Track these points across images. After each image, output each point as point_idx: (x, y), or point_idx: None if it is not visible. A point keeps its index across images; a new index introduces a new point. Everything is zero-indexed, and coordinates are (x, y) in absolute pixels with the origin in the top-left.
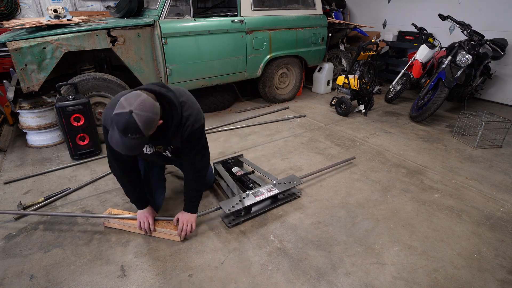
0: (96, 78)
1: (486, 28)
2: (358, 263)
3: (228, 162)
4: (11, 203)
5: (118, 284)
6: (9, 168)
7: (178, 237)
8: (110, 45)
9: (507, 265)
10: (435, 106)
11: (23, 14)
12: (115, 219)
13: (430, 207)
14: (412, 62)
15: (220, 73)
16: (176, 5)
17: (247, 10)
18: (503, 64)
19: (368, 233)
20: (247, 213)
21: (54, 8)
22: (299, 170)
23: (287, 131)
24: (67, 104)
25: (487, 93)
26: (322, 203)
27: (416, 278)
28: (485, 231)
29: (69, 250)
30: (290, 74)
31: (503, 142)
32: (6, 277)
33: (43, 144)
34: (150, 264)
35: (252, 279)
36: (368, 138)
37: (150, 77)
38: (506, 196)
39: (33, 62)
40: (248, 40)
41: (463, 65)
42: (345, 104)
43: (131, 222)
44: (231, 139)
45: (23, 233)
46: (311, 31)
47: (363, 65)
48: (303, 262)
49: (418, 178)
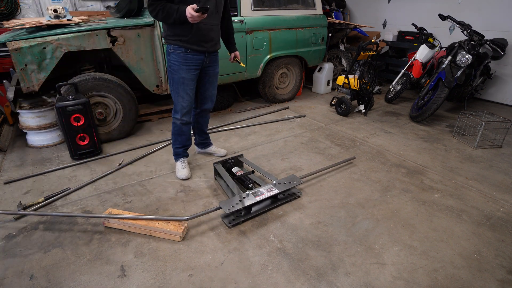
0: (96, 78)
1: (486, 28)
2: (358, 263)
3: (228, 162)
4: (11, 203)
5: (118, 284)
6: (9, 168)
7: (178, 237)
8: (110, 45)
9: (507, 265)
10: (435, 106)
11: (23, 14)
12: (115, 219)
13: (430, 207)
14: (412, 62)
15: (220, 73)
16: None
17: (247, 10)
18: (503, 64)
19: (368, 233)
20: (247, 213)
21: (54, 8)
22: (299, 170)
23: (287, 131)
24: (67, 104)
25: (487, 93)
26: (322, 203)
27: (416, 278)
28: (485, 231)
29: (69, 250)
30: (290, 74)
31: (503, 142)
32: (6, 277)
33: (43, 144)
34: (150, 264)
35: (252, 279)
36: (368, 138)
37: (150, 77)
38: (506, 196)
39: (33, 62)
40: (248, 40)
41: (463, 65)
42: (345, 104)
43: (131, 222)
44: (231, 139)
45: (23, 233)
46: (311, 31)
47: (363, 65)
48: (303, 262)
49: (418, 178)
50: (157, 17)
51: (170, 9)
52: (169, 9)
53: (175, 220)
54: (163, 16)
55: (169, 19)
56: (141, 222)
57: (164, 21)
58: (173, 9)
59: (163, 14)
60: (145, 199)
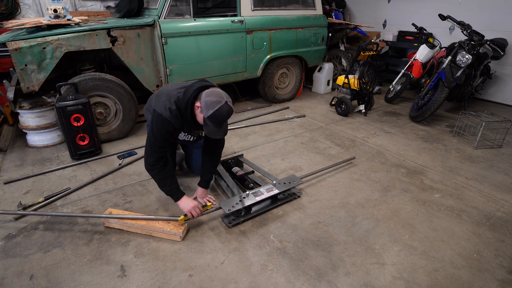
0: (96, 78)
1: (486, 28)
2: (358, 263)
3: (228, 162)
4: (11, 203)
5: (118, 284)
6: (9, 168)
7: (178, 237)
8: (110, 45)
9: (507, 265)
10: (435, 106)
11: (23, 14)
12: (115, 219)
13: (430, 207)
14: (412, 62)
15: (220, 73)
16: (176, 5)
17: (247, 10)
18: (503, 64)
19: (368, 233)
20: (247, 213)
21: (54, 8)
22: (299, 170)
23: (287, 131)
24: (67, 104)
25: (487, 93)
26: (322, 203)
27: (416, 278)
28: (485, 231)
29: (69, 250)
30: (290, 74)
31: (503, 142)
32: (6, 277)
33: (43, 144)
34: (150, 264)
35: (252, 279)
36: (368, 138)
37: (150, 77)
38: (506, 196)
39: (33, 62)
40: (248, 40)
41: (463, 65)
42: (345, 104)
43: (131, 222)
44: (231, 139)
45: (23, 233)
46: (311, 31)
47: (363, 65)
48: (303, 262)
49: (418, 178)
50: (151, 174)
51: (165, 181)
52: (164, 181)
53: (175, 220)
54: (155, 179)
55: (161, 187)
56: (141, 222)
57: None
58: (171, 181)
59: (156, 179)
60: (145, 199)
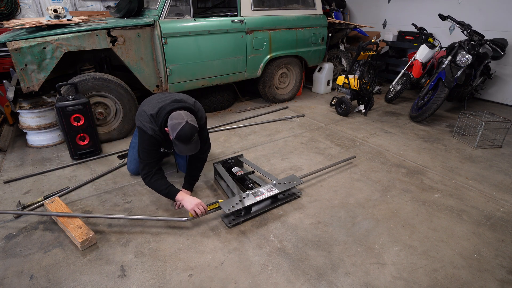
0: (96, 78)
1: (486, 28)
2: (358, 263)
3: (228, 162)
4: (11, 203)
5: (118, 284)
6: (9, 168)
7: (79, 245)
8: (110, 45)
9: (507, 265)
10: (435, 106)
11: (23, 14)
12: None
13: (430, 207)
14: (412, 62)
15: (220, 73)
16: (176, 5)
17: (247, 10)
18: (503, 64)
19: (368, 233)
20: (247, 213)
21: (54, 8)
22: (299, 170)
23: (287, 131)
24: (67, 104)
25: (487, 93)
26: (322, 203)
27: (416, 278)
28: (485, 231)
29: (69, 250)
30: (290, 74)
31: (503, 142)
32: (6, 277)
33: (43, 144)
34: (150, 264)
35: (252, 279)
36: (368, 138)
37: (150, 77)
38: (506, 196)
39: (33, 62)
40: (248, 40)
41: (463, 65)
42: (345, 104)
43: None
44: (231, 139)
45: (23, 233)
46: (311, 31)
47: (363, 65)
48: (303, 262)
49: (418, 178)
50: (145, 181)
51: (160, 185)
52: (158, 185)
53: (175, 220)
54: (151, 187)
55: (159, 191)
56: (62, 219)
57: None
58: (165, 184)
59: (152, 186)
60: (145, 199)
